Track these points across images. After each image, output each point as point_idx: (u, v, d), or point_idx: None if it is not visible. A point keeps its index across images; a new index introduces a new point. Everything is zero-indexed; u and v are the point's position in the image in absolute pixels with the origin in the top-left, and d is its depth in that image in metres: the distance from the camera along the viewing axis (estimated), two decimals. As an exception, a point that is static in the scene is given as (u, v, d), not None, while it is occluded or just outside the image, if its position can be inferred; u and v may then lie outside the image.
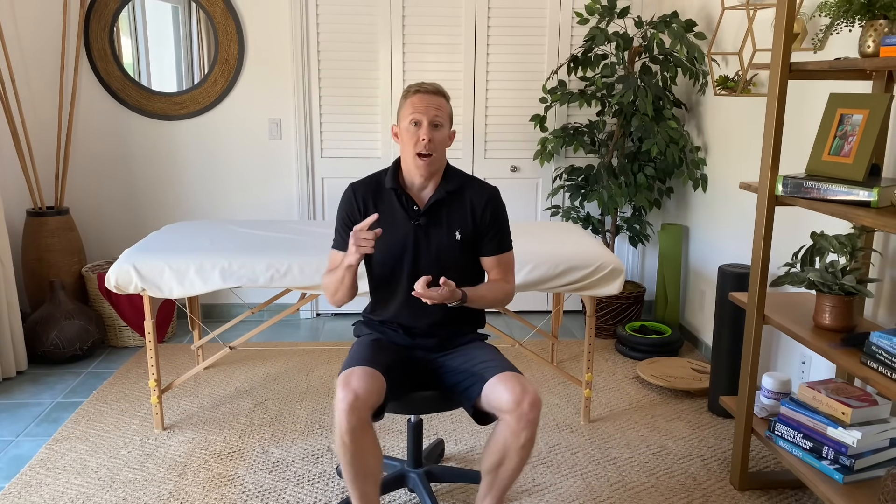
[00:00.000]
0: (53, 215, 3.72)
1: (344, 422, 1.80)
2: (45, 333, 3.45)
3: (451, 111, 2.11)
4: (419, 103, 2.03)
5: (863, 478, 2.05)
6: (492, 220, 2.13)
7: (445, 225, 2.10)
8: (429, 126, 2.02)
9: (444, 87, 2.11)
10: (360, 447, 1.85)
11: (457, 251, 2.10)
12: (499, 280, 2.17)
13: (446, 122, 2.07)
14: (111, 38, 3.89)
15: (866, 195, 1.92)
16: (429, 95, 2.04)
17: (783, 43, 2.12)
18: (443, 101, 2.06)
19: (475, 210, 2.11)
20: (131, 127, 4.03)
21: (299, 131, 4.05)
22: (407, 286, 2.10)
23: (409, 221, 2.08)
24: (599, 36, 3.54)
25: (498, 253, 2.16)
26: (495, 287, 2.14)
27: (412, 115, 2.02)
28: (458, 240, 2.10)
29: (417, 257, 2.09)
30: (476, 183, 2.16)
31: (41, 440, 2.77)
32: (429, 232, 2.09)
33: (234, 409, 3.05)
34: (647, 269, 4.35)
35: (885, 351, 1.82)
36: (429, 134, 2.01)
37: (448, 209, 2.11)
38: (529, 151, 4.15)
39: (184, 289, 2.62)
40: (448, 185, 2.10)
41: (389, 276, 2.13)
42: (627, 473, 2.57)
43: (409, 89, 2.07)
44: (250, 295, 4.25)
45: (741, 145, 3.37)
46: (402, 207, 2.09)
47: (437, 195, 2.09)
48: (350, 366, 1.91)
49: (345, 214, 2.15)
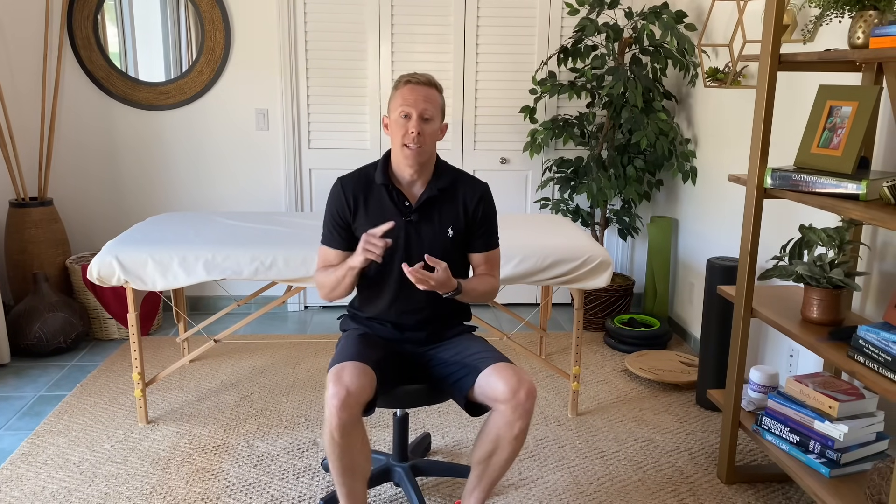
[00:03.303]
0: (37, 206, 3.67)
1: (335, 418, 1.77)
2: (28, 326, 3.41)
3: (444, 103, 2.06)
4: (409, 95, 1.97)
5: (849, 472, 2.05)
6: (483, 217, 2.11)
7: (437, 222, 2.06)
8: (418, 119, 1.97)
9: (436, 79, 2.05)
10: (349, 443, 1.82)
11: (449, 247, 2.07)
12: (486, 275, 2.16)
13: (437, 115, 2.01)
14: (95, 26, 3.83)
15: (855, 188, 1.91)
16: (420, 87, 1.99)
17: (773, 34, 2.10)
18: (434, 92, 2.01)
19: (467, 206, 2.09)
20: (116, 117, 3.98)
21: (286, 122, 4.00)
22: (397, 283, 2.07)
23: (400, 218, 2.05)
24: (589, 27, 3.51)
25: (487, 250, 2.14)
26: (484, 280, 2.13)
27: (402, 108, 1.97)
28: (450, 236, 2.07)
29: (409, 254, 2.05)
30: (467, 179, 2.13)
31: (23, 434, 2.74)
32: (420, 229, 2.06)
33: (220, 402, 3.03)
34: (636, 262, 4.34)
35: (872, 345, 1.81)
36: (418, 127, 1.96)
37: (440, 206, 2.07)
38: (519, 143, 4.13)
39: (167, 281, 2.58)
40: (440, 182, 2.07)
41: (379, 273, 2.09)
42: (615, 467, 2.56)
43: (401, 79, 2.02)
44: (237, 287, 4.21)
45: (731, 137, 3.36)
46: (393, 203, 2.05)
47: (430, 192, 2.05)
48: (340, 361, 1.89)
49: (334, 210, 2.09)
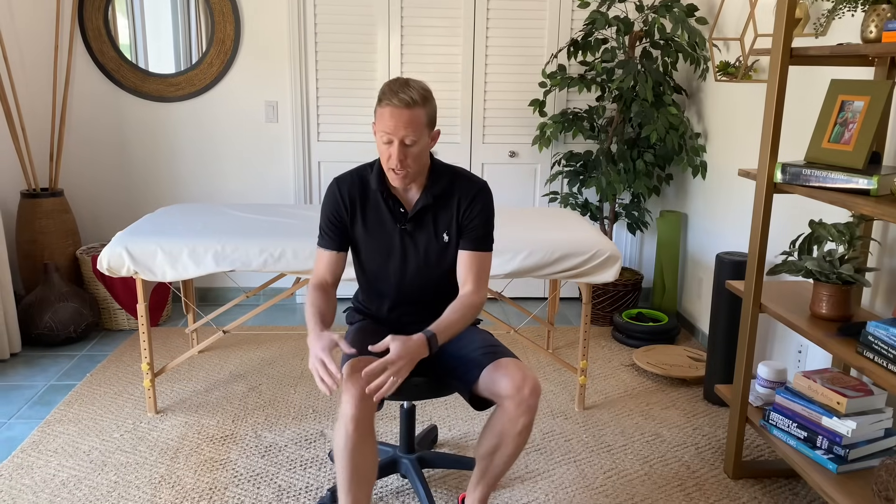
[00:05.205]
0: (48, 197, 3.70)
1: (351, 410, 1.76)
2: (39, 316, 3.44)
3: (431, 114, 1.91)
4: (389, 121, 1.84)
5: (857, 468, 2.04)
6: (475, 214, 2.01)
7: (432, 228, 2.02)
8: (400, 145, 1.86)
9: (422, 90, 1.87)
10: (362, 439, 1.80)
11: (444, 253, 2.04)
12: (467, 292, 2.00)
13: (422, 134, 1.88)
14: (106, 17, 3.85)
15: (866, 183, 1.90)
16: (399, 110, 1.83)
17: (784, 28, 2.08)
18: (418, 112, 1.85)
19: (461, 206, 2.01)
20: (127, 109, 4.00)
21: (296, 114, 4.01)
22: (395, 290, 2.06)
23: (395, 225, 2.02)
24: (600, 20, 3.50)
25: (475, 249, 2.01)
26: (462, 307, 1.96)
27: (382, 132, 1.87)
28: (445, 242, 2.03)
29: (405, 261, 2.04)
30: (464, 178, 2.04)
31: (34, 423, 2.77)
32: (416, 236, 2.02)
33: (228, 393, 3.04)
34: (644, 257, 4.33)
35: (881, 341, 1.80)
36: (400, 154, 1.86)
37: (435, 212, 2.02)
38: (528, 137, 4.12)
39: (176, 272, 2.60)
40: (435, 188, 1.99)
41: (377, 279, 2.08)
42: (621, 461, 2.56)
43: (383, 96, 1.86)
44: (245, 279, 4.23)
45: (741, 132, 3.34)
46: (388, 210, 2.01)
47: (424, 200, 1.99)
48: (353, 356, 1.89)
49: (330, 212, 2.04)
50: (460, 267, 2.03)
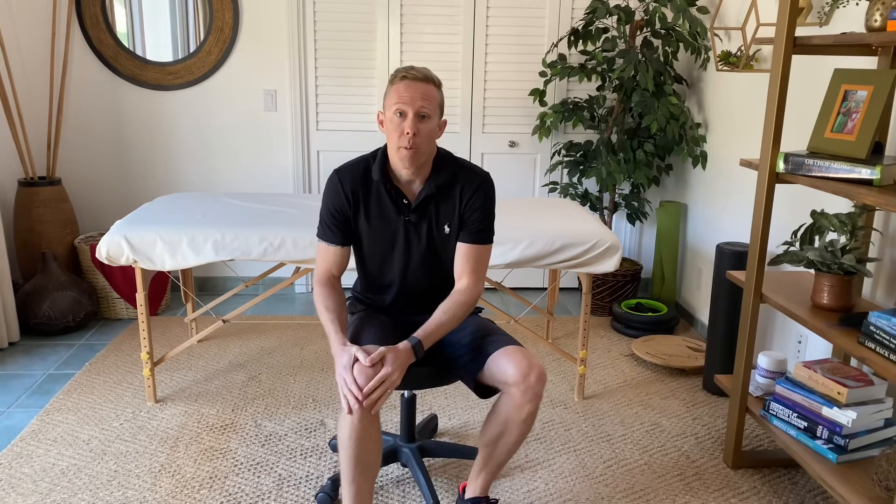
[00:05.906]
0: (45, 185, 3.68)
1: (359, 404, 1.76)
2: (37, 305, 3.43)
3: (442, 99, 1.94)
4: (405, 92, 1.86)
5: (857, 458, 2.05)
6: (477, 206, 1.99)
7: (435, 219, 2.01)
8: (414, 118, 1.85)
9: (434, 74, 1.92)
10: (366, 430, 1.80)
11: (447, 244, 2.03)
12: (461, 287, 1.98)
13: (435, 112, 1.90)
14: (103, 4, 3.82)
15: (869, 173, 1.89)
16: (416, 83, 1.86)
17: (788, 17, 2.07)
18: (432, 88, 1.89)
19: (463, 197, 1.99)
20: (125, 97, 3.97)
21: (295, 103, 3.99)
22: (398, 281, 2.05)
23: (398, 216, 2.00)
24: (601, 9, 3.48)
25: (474, 242, 1.99)
26: (453, 306, 1.94)
27: (397, 105, 1.86)
28: (447, 233, 2.02)
29: (408, 252, 2.02)
30: (467, 170, 2.02)
31: (33, 411, 2.76)
32: (419, 227, 2.01)
33: (228, 382, 3.04)
34: (644, 247, 4.33)
35: (883, 331, 1.80)
36: (414, 127, 1.85)
37: (437, 203, 2.00)
38: (528, 126, 4.10)
39: (176, 261, 2.59)
40: (438, 179, 1.98)
41: (380, 271, 2.07)
42: (621, 450, 2.57)
43: (396, 75, 1.90)
44: (245, 268, 4.22)
45: (742, 122, 3.33)
46: (391, 201, 1.99)
47: (427, 190, 1.97)
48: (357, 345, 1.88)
49: (333, 206, 2.01)
50: (457, 260, 2.02)
